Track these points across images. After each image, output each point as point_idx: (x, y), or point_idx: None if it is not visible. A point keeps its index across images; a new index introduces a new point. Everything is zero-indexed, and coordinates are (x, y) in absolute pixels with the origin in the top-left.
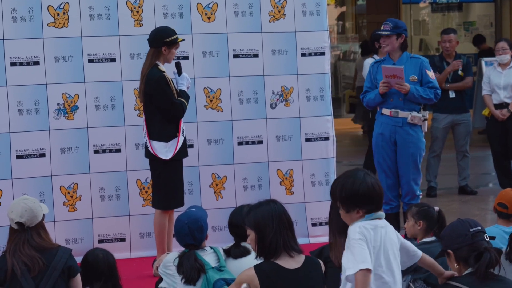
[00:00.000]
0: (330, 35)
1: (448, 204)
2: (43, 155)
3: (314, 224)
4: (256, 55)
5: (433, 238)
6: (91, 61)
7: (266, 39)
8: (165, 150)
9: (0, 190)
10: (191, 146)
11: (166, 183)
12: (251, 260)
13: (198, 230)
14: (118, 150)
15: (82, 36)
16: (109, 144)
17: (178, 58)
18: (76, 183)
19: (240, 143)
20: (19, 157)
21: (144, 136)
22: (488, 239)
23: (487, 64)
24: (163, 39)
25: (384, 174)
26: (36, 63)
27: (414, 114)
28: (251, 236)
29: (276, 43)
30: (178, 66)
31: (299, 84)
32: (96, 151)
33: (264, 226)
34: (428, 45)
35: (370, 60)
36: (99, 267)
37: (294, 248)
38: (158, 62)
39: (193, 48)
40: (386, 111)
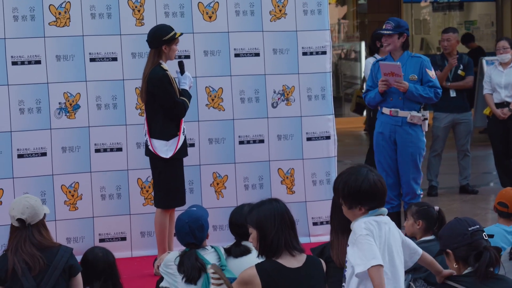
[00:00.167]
0: (331, 34)
1: (449, 204)
2: (44, 154)
3: (315, 223)
4: (257, 54)
5: (431, 237)
6: (92, 60)
7: (267, 38)
8: (165, 149)
9: (1, 189)
10: (192, 145)
11: (166, 182)
12: (252, 259)
13: (199, 229)
14: (119, 149)
15: (83, 35)
16: (110, 143)
17: (180, 57)
18: (77, 182)
19: (241, 142)
20: (20, 156)
21: (145, 134)
22: (487, 237)
23: (488, 63)
24: (162, 38)
25: (385, 173)
26: (38, 62)
27: (414, 113)
28: (253, 234)
29: (278, 42)
30: (181, 65)
31: (301, 83)
32: (97, 150)
33: (266, 225)
34: (429, 44)
35: (371, 59)
36: (98, 266)
37: (296, 247)
38: (161, 61)
39: (194, 47)
40: (386, 110)
